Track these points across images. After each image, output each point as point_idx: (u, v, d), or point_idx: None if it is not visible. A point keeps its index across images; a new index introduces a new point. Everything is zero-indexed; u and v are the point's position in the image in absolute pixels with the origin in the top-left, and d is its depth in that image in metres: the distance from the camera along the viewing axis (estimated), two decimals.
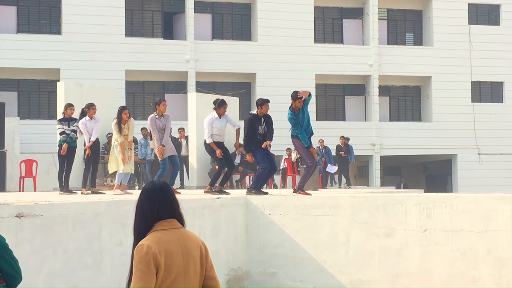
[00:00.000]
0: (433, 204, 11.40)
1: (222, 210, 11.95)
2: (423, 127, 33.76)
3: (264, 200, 12.53)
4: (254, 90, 31.73)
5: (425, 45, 34.58)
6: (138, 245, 4.05)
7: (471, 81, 33.83)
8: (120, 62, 29.90)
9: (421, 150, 33.43)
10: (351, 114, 34.12)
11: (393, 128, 33.33)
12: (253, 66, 31.61)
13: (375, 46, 33.10)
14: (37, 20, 30.96)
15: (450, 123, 33.23)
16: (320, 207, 12.09)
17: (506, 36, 34.04)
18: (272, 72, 31.15)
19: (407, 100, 35.19)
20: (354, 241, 11.79)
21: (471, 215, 11.12)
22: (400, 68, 33.36)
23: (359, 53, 33.17)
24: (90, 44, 29.50)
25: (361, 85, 34.19)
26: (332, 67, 32.44)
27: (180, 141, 22.48)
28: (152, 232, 4.09)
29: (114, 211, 9.26)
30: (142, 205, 4.17)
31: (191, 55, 30.90)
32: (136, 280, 3.96)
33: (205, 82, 31.25)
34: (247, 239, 12.40)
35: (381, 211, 11.68)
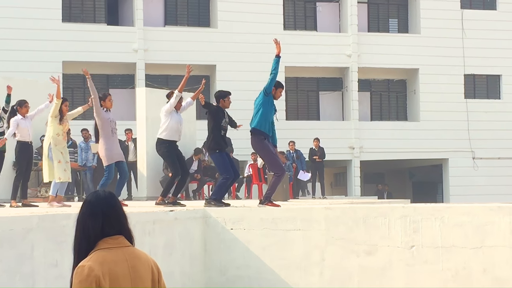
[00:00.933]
0: (420, 216, 11.46)
1: (176, 225, 11.90)
2: (409, 127, 33.99)
3: (225, 213, 12.51)
4: (214, 84, 31.66)
5: (411, 32, 34.84)
6: (78, 267, 3.99)
7: (464, 74, 34.15)
8: (57, 52, 29.68)
9: (407, 154, 33.64)
10: (326, 113, 34.24)
11: (375, 128, 33.52)
12: (212, 57, 31.55)
13: (353, 33, 33.26)
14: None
15: (440, 122, 33.48)
16: (291, 220, 12.10)
17: (504, 23, 34.38)
18: (234, 63, 31.16)
19: (391, 96, 35.43)
20: (330, 260, 11.82)
21: (464, 228, 11.20)
22: (383, 59, 33.56)
23: (335, 42, 33.31)
24: (21, 30, 29.25)
25: (337, 79, 34.34)
26: (304, 58, 32.50)
27: (127, 145, 22.38)
28: (95, 251, 4.03)
29: (48, 226, 9.16)
30: (84, 220, 4.12)
31: (139, 44, 30.78)
32: None
33: (156, 75, 31.17)
34: (205, 259, 12.37)
35: (361, 225, 11.72)
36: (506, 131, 33.82)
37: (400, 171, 38.53)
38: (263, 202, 13.30)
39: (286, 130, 28.20)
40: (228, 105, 13.93)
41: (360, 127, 33.11)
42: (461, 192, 32.63)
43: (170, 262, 11.35)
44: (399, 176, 38.79)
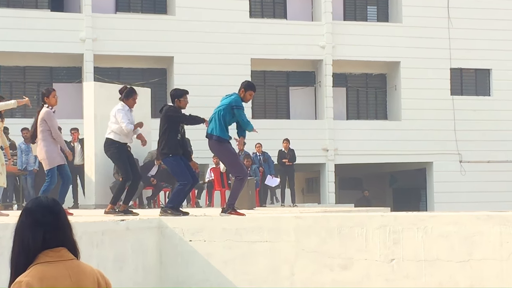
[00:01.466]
0: (402, 226, 11.52)
1: (128, 236, 11.85)
2: (389, 127, 34.15)
3: (183, 223, 12.49)
4: (171, 78, 31.63)
5: (391, 21, 35.03)
6: (15, 283, 3.97)
7: (451, 68, 34.34)
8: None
9: (387, 157, 33.78)
10: (297, 111, 34.30)
11: (351, 128, 33.61)
12: (170, 48, 31.49)
13: (327, 22, 33.34)
14: None
15: (424, 122, 33.67)
16: (257, 231, 12.11)
17: (494, 11, 34.57)
18: (194, 55, 31.12)
19: (369, 92, 35.58)
20: (301, 275, 11.84)
21: (450, 240, 11.27)
22: (360, 51, 33.67)
23: (307, 32, 33.38)
24: None
25: (310, 73, 34.45)
26: (272, 49, 32.54)
27: (73, 146, 22.29)
28: (35, 265, 4.01)
29: None
30: (23, 231, 4.09)
31: (87, 32, 30.63)
32: None
33: (107, 68, 31.10)
34: (161, 273, 12.35)
35: (336, 236, 11.76)
36: (496, 132, 34.00)
37: (380, 176, 38.73)
38: (225, 211, 13.33)
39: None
40: (185, 105, 13.92)
41: (335, 127, 33.18)
42: (447, 199, 32.82)
43: (121, 277, 11.30)
44: (379, 181, 39.00)
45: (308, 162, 31.58)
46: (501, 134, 34.07)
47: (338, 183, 34.15)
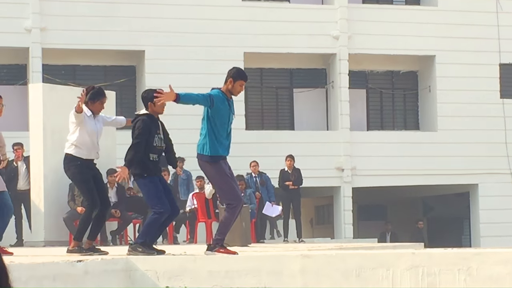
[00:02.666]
0: (439, 267, 11.55)
1: (87, 281, 11.85)
2: (422, 139, 34.25)
3: (158, 264, 12.50)
4: (142, 77, 31.74)
5: (423, 4, 35.19)
6: None
7: (500, 63, 34.51)
8: None
9: (419, 177, 33.87)
10: (303, 119, 34.39)
11: (373, 141, 33.71)
12: (140, 40, 31.61)
13: (342, 6, 33.48)
14: None
15: (467, 132, 33.81)
16: (253, 274, 12.12)
17: None
18: (170, 49, 31.24)
19: (396, 95, 35.71)
20: None
21: (500, 283, 11.30)
22: (384, 42, 33.82)
23: (316, 18, 33.52)
24: None
25: (320, 71, 34.60)
26: (272, 41, 32.67)
27: (16, 166, 22.30)
28: None
29: None
30: None
31: (34, 20, 30.74)
32: None
33: (59, 65, 31.27)
34: None
35: (354, 280, 11.78)
36: None
37: (410, 202, 38.77)
38: (212, 248, 13.33)
39: (246, 144, 28.39)
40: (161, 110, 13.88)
41: (352, 140, 33.27)
42: (496, 231, 32.89)
43: None
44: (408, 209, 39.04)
45: (319, 185, 31.66)
46: None
47: (357, 212, 34.19)
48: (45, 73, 30.11)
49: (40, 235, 20.79)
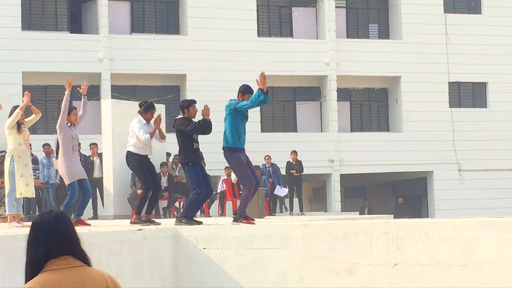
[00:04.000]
0: (404, 232, 11.49)
1: (145, 245, 11.85)
2: (391, 138, 34.09)
3: (197, 232, 12.48)
4: (184, 95, 31.59)
5: (392, 38, 34.99)
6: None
7: (449, 81, 34.30)
8: (16, 62, 29.51)
9: (389, 166, 33.72)
10: (303, 124, 34.27)
11: (355, 140, 33.58)
12: (183, 66, 31.52)
13: (331, 40, 33.35)
14: None
15: (424, 133, 33.63)
16: (267, 239, 12.09)
17: (489, 27, 34.52)
18: (205, 73, 31.12)
19: (372, 106, 35.53)
20: (309, 280, 11.81)
21: (450, 245, 11.24)
22: (363, 66, 33.63)
23: (312, 49, 33.38)
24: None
25: (315, 88, 34.42)
26: (280, 66, 32.46)
27: (92, 160, 22.35)
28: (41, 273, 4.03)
29: (8, 248, 9.10)
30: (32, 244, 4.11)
31: (105, 52, 30.69)
32: None
33: (123, 86, 31.13)
34: (176, 280, 12.33)
35: (342, 243, 11.73)
36: (493, 142, 33.94)
37: (383, 185, 38.64)
38: (237, 219, 13.32)
39: (261, 143, 28.30)
40: (194, 114, 13.94)
41: (339, 139, 33.16)
42: (447, 206, 32.75)
43: (139, 284, 11.30)
44: (382, 190, 38.91)
45: (315, 173, 31.54)
46: (498, 144, 33.98)
47: (343, 192, 34.07)
48: (113, 92, 30.09)
49: (110, 211, 20.80)
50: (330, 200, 33.06)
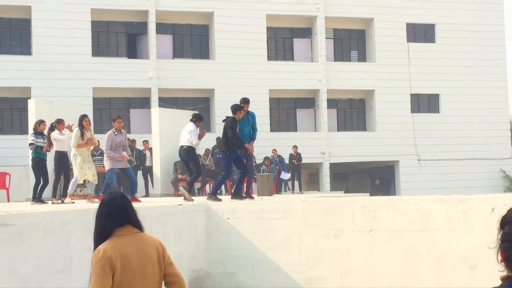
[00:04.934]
0: (377, 206, 11.47)
1: (184, 216, 11.88)
2: (367, 136, 34.03)
3: (223, 206, 12.50)
4: (213, 104, 31.70)
5: (368, 61, 34.91)
6: (96, 250, 4.09)
7: (411, 93, 34.24)
8: (88, 80, 29.60)
9: (366, 157, 33.68)
10: (302, 125, 34.26)
11: (340, 137, 33.55)
12: (212, 83, 31.54)
13: (323, 62, 33.32)
14: (8, 42, 30.55)
15: (392, 132, 33.57)
16: (275, 211, 12.10)
17: (441, 53, 34.50)
18: (229, 88, 31.04)
19: (353, 112, 35.46)
20: (306, 242, 11.81)
21: (412, 216, 11.21)
22: (346, 82, 33.59)
23: (308, 69, 33.33)
24: (59, 63, 29.21)
25: (311, 99, 34.36)
26: (284, 82, 32.53)
27: (145, 153, 22.36)
28: (110, 238, 4.11)
29: (83, 219, 9.14)
30: (101, 217, 4.18)
31: (153, 73, 30.75)
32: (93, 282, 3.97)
33: (167, 97, 31.12)
34: (207, 243, 12.35)
35: (331, 214, 11.72)
36: (444, 138, 33.96)
37: (361, 171, 38.55)
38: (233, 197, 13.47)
39: (270, 140, 28.30)
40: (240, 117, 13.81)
41: (329, 137, 33.14)
42: (409, 187, 32.72)
43: (179, 245, 11.33)
44: (361, 175, 38.81)
45: (310, 162, 31.50)
46: (447, 140, 33.98)
47: (332, 176, 34.00)
48: (160, 102, 30.12)
49: (158, 190, 20.81)
50: (321, 182, 33.04)
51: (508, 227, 2.48)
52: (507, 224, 2.49)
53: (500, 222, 2.52)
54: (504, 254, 2.47)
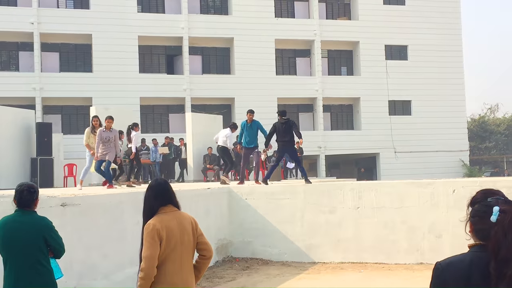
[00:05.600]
0: (363, 188, 11.47)
1: (212, 197, 11.91)
2: (355, 134, 33.91)
3: (242, 189, 12.52)
4: (234, 110, 31.72)
5: (355, 75, 34.77)
6: (146, 224, 4.12)
7: (388, 100, 34.08)
8: (136, 92, 29.75)
9: (354, 150, 33.60)
10: (303, 125, 34.14)
11: (333, 135, 33.47)
12: (232, 93, 31.58)
13: (319, 76, 33.25)
14: (74, 62, 30.77)
15: (374, 130, 33.47)
16: (282, 193, 12.11)
17: (412, 67, 34.38)
18: (246, 96, 31.07)
19: (343, 115, 35.37)
20: (307, 217, 11.83)
21: (390, 196, 11.21)
22: (337, 92, 33.52)
23: (308, 82, 33.27)
24: (114, 78, 29.40)
25: (310, 105, 34.30)
26: (289, 92, 32.50)
27: (181, 148, 22.43)
28: (157, 215, 4.13)
29: (133, 200, 9.20)
30: (149, 198, 4.22)
31: (187, 85, 30.83)
32: (145, 249, 4.02)
33: (198, 104, 31.17)
34: (230, 218, 12.38)
35: (326, 195, 11.72)
36: (415, 135, 33.81)
37: (350, 161, 38.47)
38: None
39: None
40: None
41: (324, 134, 33.06)
42: (388, 173, 32.64)
43: (208, 220, 11.36)
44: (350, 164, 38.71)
45: (310, 154, 31.47)
46: (418, 136, 33.87)
47: (327, 166, 33.94)
48: (192, 108, 30.19)
49: (191, 177, 20.88)
50: (319, 170, 32.99)
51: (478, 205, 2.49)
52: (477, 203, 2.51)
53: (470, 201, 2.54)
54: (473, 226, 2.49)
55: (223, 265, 11.34)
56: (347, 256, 11.35)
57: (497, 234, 2.37)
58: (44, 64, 29.94)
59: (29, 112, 18.05)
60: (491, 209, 2.42)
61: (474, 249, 2.47)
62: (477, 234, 2.47)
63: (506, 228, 2.37)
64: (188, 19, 31.29)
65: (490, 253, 2.38)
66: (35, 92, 28.67)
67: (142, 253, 4.02)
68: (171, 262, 4.04)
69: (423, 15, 34.74)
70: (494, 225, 2.39)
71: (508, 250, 2.34)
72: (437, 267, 2.48)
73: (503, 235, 2.36)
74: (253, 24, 31.97)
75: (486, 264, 2.38)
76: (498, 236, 2.36)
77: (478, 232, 2.46)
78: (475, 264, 2.41)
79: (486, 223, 2.42)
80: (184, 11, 31.34)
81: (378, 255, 11.11)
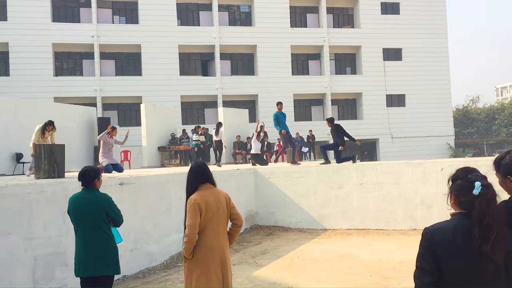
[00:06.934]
0: (366, 168, 11.40)
1: (241, 176, 11.95)
2: (358, 123, 33.53)
3: (265, 170, 12.54)
4: (257, 105, 31.64)
5: (358, 74, 34.36)
6: (189, 199, 4.13)
7: (386, 94, 33.63)
8: (177, 91, 29.88)
9: (357, 137, 32.83)
10: (315, 117, 33.99)
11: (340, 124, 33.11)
12: (256, 91, 31.45)
13: (328, 75, 32.92)
14: (127, 67, 30.99)
15: (374, 119, 33.10)
16: (298, 172, 12.10)
17: (406, 67, 33.85)
18: (267, 93, 31.00)
19: (348, 107, 35.01)
20: (319, 192, 11.81)
21: (388, 174, 11.12)
22: (343, 88, 33.17)
23: (318, 80, 32.98)
24: (159, 80, 29.55)
25: (320, 99, 34.01)
26: (303, 89, 32.27)
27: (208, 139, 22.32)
28: (197, 191, 4.14)
29: (177, 179, 9.29)
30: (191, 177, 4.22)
31: (218, 85, 30.82)
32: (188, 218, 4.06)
33: (228, 101, 31.15)
34: (256, 193, 12.42)
35: (335, 174, 11.68)
36: (409, 123, 33.38)
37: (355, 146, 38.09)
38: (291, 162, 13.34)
39: (294, 126, 28.12)
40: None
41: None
42: (386, 156, 32.32)
43: (238, 195, 11.42)
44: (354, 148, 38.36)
45: (321, 140, 31.30)
46: (411, 124, 33.44)
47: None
48: (223, 104, 30.19)
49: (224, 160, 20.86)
50: (329, 154, 32.69)
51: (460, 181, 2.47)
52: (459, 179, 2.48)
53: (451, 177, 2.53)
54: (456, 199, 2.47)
55: (250, 232, 11.43)
56: (353, 224, 11.33)
57: (480, 205, 2.35)
58: (103, 70, 30.25)
59: (92, 109, 18.28)
60: (472, 184, 2.40)
61: (456, 216, 2.45)
62: (461, 206, 2.45)
63: (488, 199, 2.35)
64: (219, 30, 31.22)
65: (473, 220, 2.36)
66: (96, 93, 29.03)
67: (186, 222, 4.07)
68: (209, 229, 4.06)
69: (415, 22, 34.16)
70: (476, 197, 2.37)
71: (491, 218, 2.32)
72: (425, 231, 2.47)
73: (486, 206, 2.34)
74: (273, 33, 31.78)
75: (468, 229, 2.36)
76: (482, 207, 2.34)
77: (462, 204, 2.44)
78: (457, 229, 2.39)
79: (468, 195, 2.39)
80: (215, 24, 31.28)
81: (379, 222, 11.06)
